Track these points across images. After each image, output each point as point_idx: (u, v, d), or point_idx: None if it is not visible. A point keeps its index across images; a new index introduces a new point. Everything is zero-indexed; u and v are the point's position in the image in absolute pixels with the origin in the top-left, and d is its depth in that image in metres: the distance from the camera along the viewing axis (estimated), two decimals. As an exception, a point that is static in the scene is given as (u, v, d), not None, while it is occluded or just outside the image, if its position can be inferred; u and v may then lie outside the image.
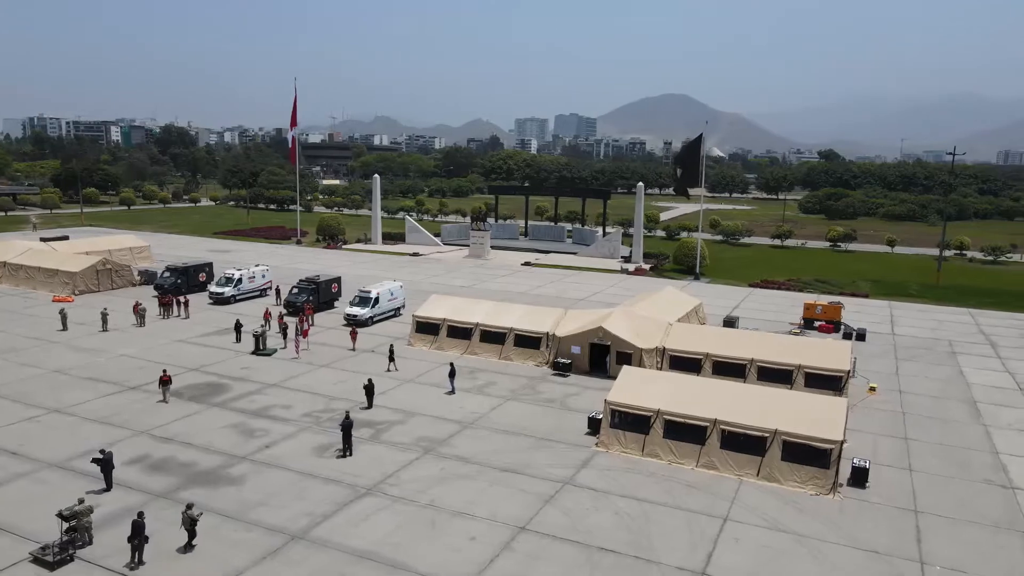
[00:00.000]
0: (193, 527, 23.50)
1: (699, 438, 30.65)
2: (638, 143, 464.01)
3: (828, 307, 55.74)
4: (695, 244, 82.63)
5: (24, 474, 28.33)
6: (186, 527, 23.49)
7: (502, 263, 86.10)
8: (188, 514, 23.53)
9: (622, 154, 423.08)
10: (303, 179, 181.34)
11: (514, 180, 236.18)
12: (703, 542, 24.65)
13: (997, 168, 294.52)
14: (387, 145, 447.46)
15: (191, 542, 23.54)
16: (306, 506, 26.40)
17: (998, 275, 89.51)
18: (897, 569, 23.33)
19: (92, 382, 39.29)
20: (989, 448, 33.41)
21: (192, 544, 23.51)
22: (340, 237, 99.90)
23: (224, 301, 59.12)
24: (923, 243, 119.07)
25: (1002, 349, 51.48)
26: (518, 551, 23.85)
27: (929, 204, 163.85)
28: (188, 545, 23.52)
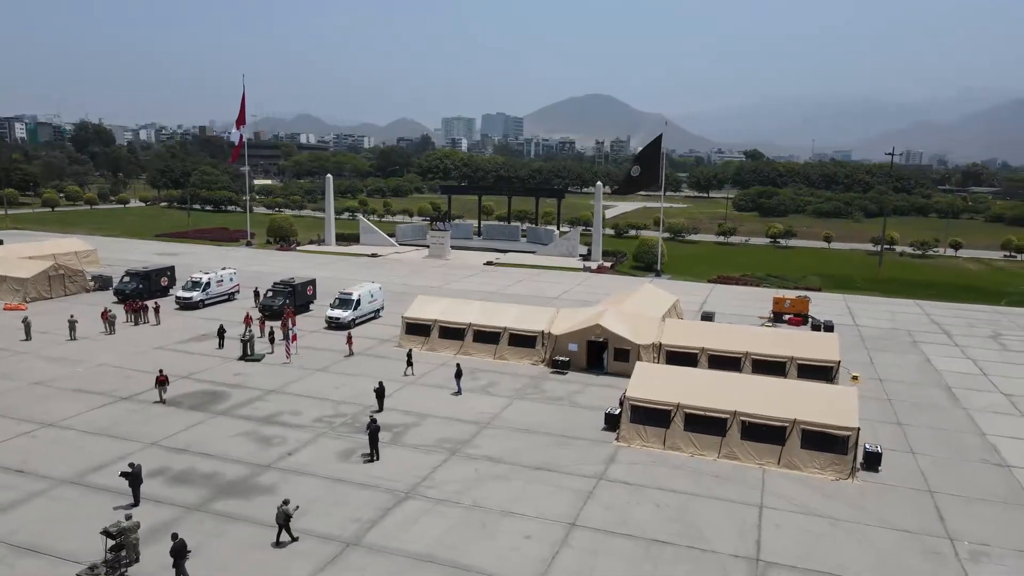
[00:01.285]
0: (287, 522, 23.59)
1: (720, 430, 31.67)
2: (567, 143, 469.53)
3: (796, 301, 58.19)
4: (654, 242, 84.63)
5: (40, 492, 26.84)
6: (279, 522, 23.60)
7: (464, 263, 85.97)
8: (283, 509, 23.58)
9: (552, 153, 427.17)
10: (238, 180, 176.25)
11: (451, 180, 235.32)
12: (748, 529, 25.57)
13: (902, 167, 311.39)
14: (315, 144, 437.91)
15: (292, 536, 23.81)
16: (349, 512, 26.00)
17: (929, 269, 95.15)
18: (930, 546, 24.81)
19: (78, 393, 37.39)
20: (976, 430, 35.73)
21: (282, 541, 23.72)
22: (292, 239, 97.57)
23: (192, 306, 57.05)
24: (854, 239, 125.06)
25: (957, 338, 54.93)
26: (576, 547, 24.18)
27: (853, 202, 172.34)
28: (278, 542, 23.69)
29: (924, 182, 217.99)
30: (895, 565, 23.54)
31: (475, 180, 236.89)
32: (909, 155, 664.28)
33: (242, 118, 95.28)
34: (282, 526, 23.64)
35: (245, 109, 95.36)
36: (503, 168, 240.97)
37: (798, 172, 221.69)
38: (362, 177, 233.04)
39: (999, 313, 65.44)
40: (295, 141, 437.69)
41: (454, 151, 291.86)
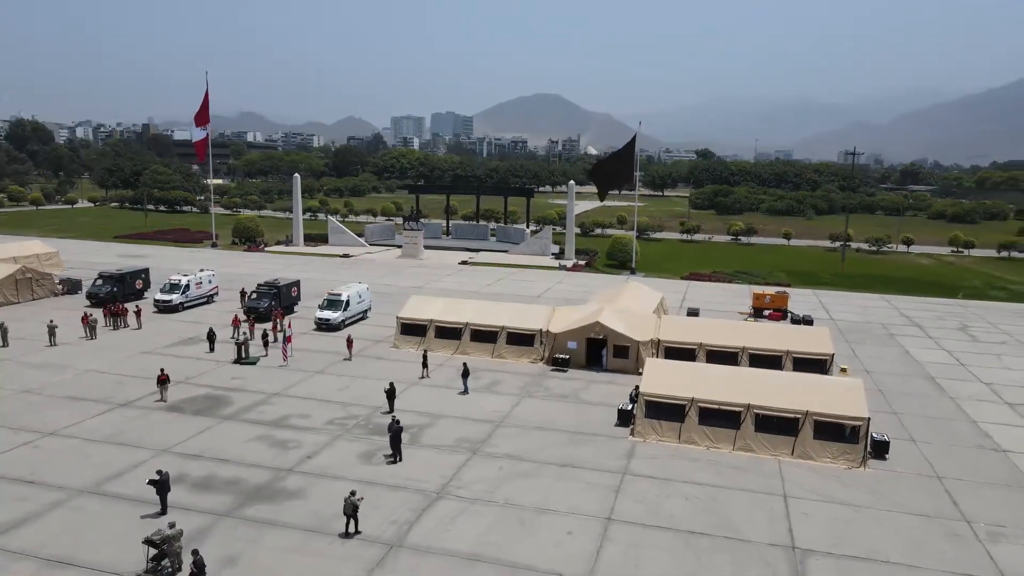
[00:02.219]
0: (355, 513, 24.07)
1: (734, 423, 32.43)
2: (520, 142, 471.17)
3: (776, 296, 59.77)
4: (627, 240, 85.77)
5: (58, 503, 25.89)
6: (348, 513, 24.02)
7: (438, 262, 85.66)
8: (352, 500, 23.97)
9: (505, 153, 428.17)
10: (190, 179, 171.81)
11: (408, 179, 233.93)
12: (778, 519, 26.30)
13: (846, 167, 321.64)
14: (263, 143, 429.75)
15: (357, 528, 24.26)
16: (385, 514, 25.80)
17: (886, 264, 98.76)
18: (951, 529, 25.94)
19: (73, 401, 36.11)
20: (966, 418, 37.38)
21: (354, 531, 24.19)
22: (260, 239, 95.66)
23: (172, 309, 55.51)
24: (809, 235, 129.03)
25: (929, 330, 57.25)
26: (617, 541, 24.51)
27: (804, 200, 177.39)
28: (347, 532, 24.13)
29: (868, 180, 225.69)
30: (922, 548, 24.54)
31: (432, 179, 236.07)
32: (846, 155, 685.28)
33: (205, 116, 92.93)
34: (350, 516, 24.09)
35: (208, 107, 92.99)
36: (460, 168, 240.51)
37: (749, 171, 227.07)
38: (316, 177, 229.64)
39: (961, 306, 68.40)
40: (242, 139, 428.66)
41: (410, 150, 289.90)
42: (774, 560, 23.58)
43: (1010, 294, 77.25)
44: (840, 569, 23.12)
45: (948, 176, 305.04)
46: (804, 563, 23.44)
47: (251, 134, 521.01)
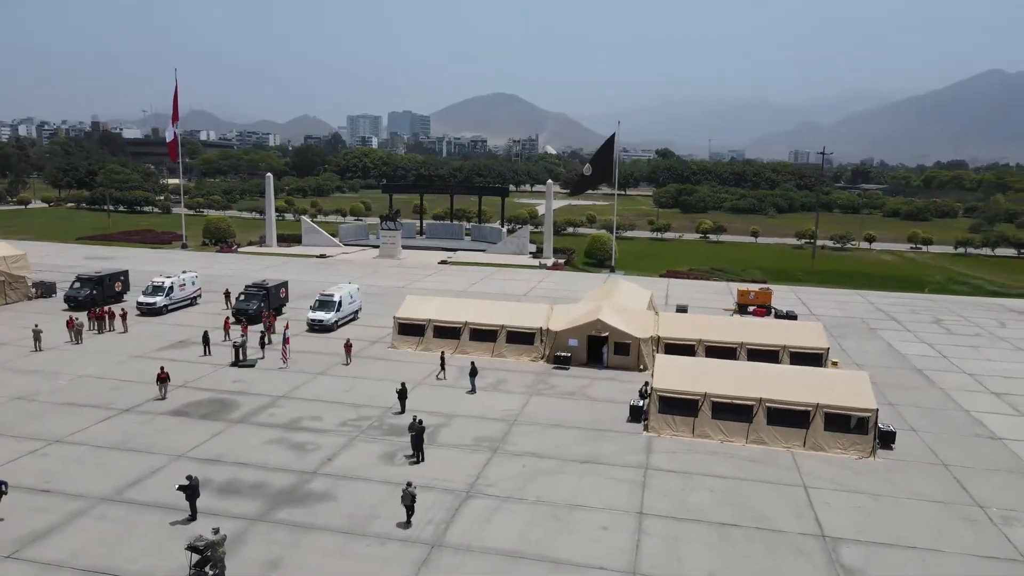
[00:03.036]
0: (413, 503, 24.69)
1: (747, 416, 33.14)
2: (479, 141, 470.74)
3: (760, 293, 61.13)
4: (605, 239, 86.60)
5: (80, 512, 25.16)
6: (406, 504, 24.61)
7: (417, 262, 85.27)
8: (409, 491, 24.60)
9: (465, 152, 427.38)
10: (149, 179, 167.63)
11: (370, 179, 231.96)
12: (803, 509, 27.01)
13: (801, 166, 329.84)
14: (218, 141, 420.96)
15: (409, 519, 24.81)
16: (420, 514, 25.60)
17: (851, 260, 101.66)
18: (966, 514, 26.98)
19: (72, 407, 35.07)
20: (958, 408, 38.84)
21: (410, 521, 24.78)
22: (232, 240, 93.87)
23: (155, 312, 54.18)
24: (774, 233, 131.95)
25: (906, 324, 59.21)
26: (654, 534, 24.88)
27: (765, 198, 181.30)
28: (407, 522, 24.74)
29: (824, 180, 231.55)
30: (943, 533, 25.48)
31: (395, 179, 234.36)
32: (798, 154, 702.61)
33: (176, 115, 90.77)
34: (408, 507, 24.71)
35: (177, 106, 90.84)
36: (423, 167, 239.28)
37: (710, 170, 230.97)
38: (278, 176, 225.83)
39: (930, 300, 70.87)
40: (194, 138, 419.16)
41: (372, 149, 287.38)
42: (808, 549, 24.23)
43: (972, 288, 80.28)
44: (870, 555, 23.88)
45: (896, 175, 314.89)
46: (836, 550, 24.14)
47: (204, 133, 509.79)
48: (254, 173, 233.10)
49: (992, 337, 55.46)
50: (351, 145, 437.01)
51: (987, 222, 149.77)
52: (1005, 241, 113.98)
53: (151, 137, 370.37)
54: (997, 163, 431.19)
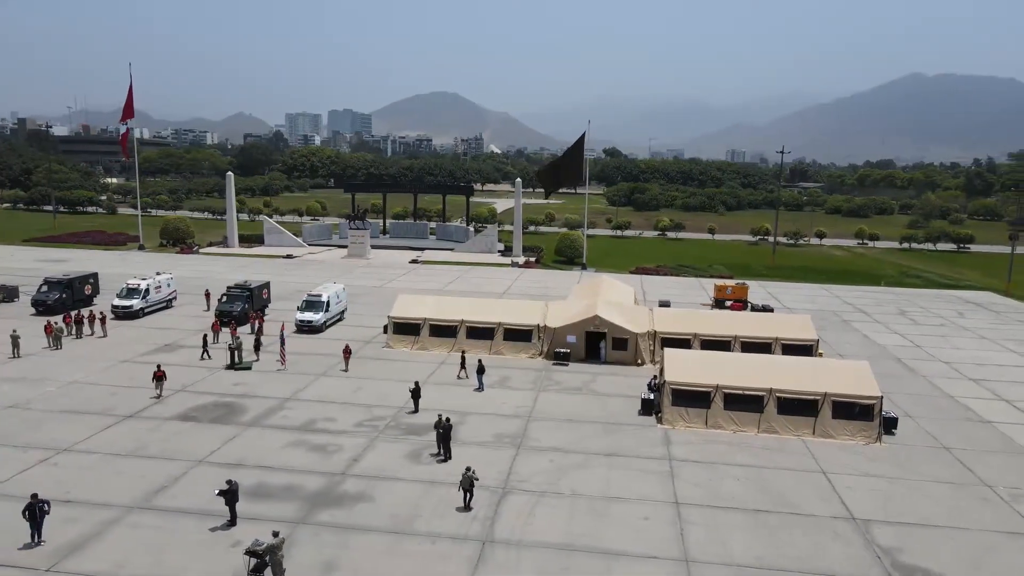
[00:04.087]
0: (472, 487, 25.61)
1: (757, 407, 34.14)
2: (425, 140, 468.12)
3: (736, 288, 62.78)
4: (575, 236, 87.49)
5: (112, 521, 24.27)
6: (465, 487, 25.57)
7: (387, 262, 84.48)
8: (469, 476, 25.52)
9: (411, 151, 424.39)
10: (89, 178, 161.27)
11: (319, 178, 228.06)
12: (828, 494, 28.02)
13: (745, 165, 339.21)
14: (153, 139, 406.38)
15: (468, 503, 25.71)
16: (462, 512, 25.68)
17: (807, 255, 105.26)
18: (978, 494, 28.46)
19: (71, 415, 33.70)
20: (943, 394, 40.81)
21: (470, 506, 25.71)
22: (191, 241, 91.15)
23: (132, 315, 52.29)
24: (728, 230, 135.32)
25: (875, 316, 61.74)
26: (695, 523, 25.48)
27: (715, 196, 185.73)
28: (466, 506, 25.68)
29: (766, 178, 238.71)
30: (961, 513, 26.82)
31: (344, 178, 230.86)
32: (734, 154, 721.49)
33: (129, 111, 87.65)
34: (467, 491, 25.57)
35: (132, 103, 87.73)
36: (373, 166, 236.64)
37: (658, 168, 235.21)
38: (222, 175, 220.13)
39: (891, 293, 74.04)
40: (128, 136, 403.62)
41: (320, 148, 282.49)
42: (843, 531, 25.20)
43: (925, 281, 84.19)
44: (901, 536, 24.98)
45: (832, 174, 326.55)
46: (869, 532, 25.17)
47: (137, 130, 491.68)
48: (197, 172, 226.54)
49: (956, 327, 58.36)
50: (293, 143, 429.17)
51: (923, 219, 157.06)
52: (946, 236, 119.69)
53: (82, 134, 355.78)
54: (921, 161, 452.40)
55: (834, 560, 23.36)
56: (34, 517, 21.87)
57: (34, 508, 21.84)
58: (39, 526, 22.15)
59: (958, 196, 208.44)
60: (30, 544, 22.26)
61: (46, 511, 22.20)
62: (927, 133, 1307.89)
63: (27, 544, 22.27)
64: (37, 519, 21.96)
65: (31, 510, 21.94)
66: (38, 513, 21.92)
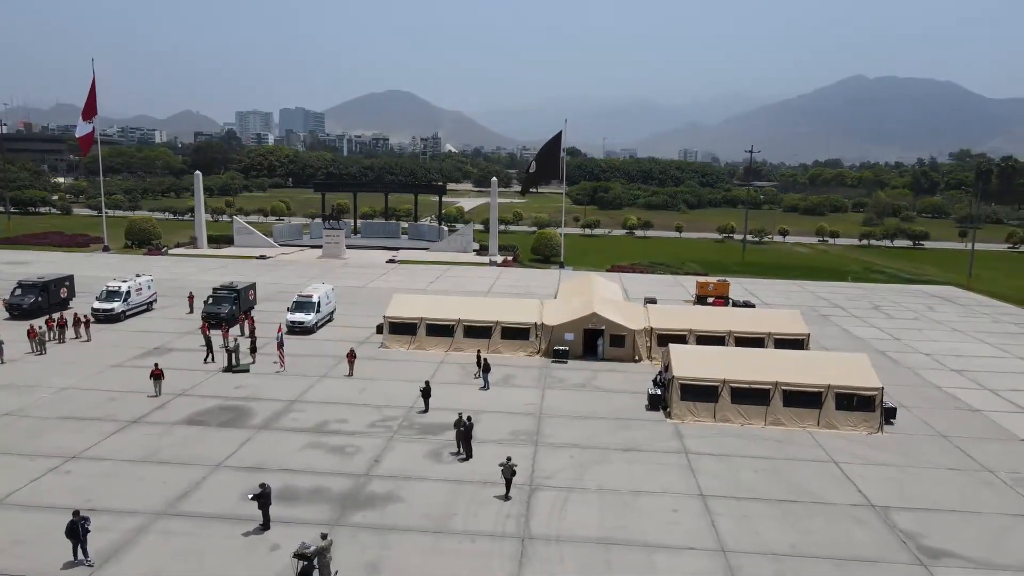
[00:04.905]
0: (513, 476, 26.36)
1: (764, 400, 34.98)
2: (382, 139, 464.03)
3: (718, 284, 63.99)
4: (551, 235, 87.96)
5: (142, 528, 23.67)
6: (507, 477, 26.29)
7: (364, 262, 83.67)
8: (509, 465, 26.29)
9: (367, 150, 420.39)
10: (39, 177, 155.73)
11: (277, 177, 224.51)
12: (843, 482, 28.90)
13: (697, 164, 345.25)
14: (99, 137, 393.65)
15: (508, 492, 26.38)
16: (494, 509, 25.76)
17: (773, 252, 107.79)
18: (982, 479, 29.67)
19: (72, 421, 32.70)
20: (931, 385, 42.36)
21: (509, 495, 26.32)
22: (159, 242, 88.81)
23: (113, 318, 50.78)
24: (693, 228, 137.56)
25: (850, 310, 63.64)
26: (723, 514, 26.02)
27: (677, 195, 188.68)
28: (506, 495, 26.33)
29: (723, 177, 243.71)
30: (970, 497, 27.95)
31: (303, 178, 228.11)
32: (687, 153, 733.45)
33: (92, 108, 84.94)
34: (508, 480, 26.31)
35: (95, 99, 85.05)
36: (332, 165, 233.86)
37: (618, 168, 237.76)
38: (176, 175, 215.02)
39: (861, 288, 76.40)
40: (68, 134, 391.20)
41: (278, 147, 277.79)
42: (865, 518, 26.04)
43: (889, 276, 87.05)
44: (920, 521, 25.94)
45: (785, 173, 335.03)
46: (889, 518, 26.07)
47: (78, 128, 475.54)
48: (150, 171, 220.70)
49: (928, 320, 60.56)
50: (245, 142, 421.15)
51: (877, 216, 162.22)
52: (902, 233, 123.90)
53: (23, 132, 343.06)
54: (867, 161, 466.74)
55: (862, 546, 24.14)
56: (76, 535, 21.06)
57: (76, 526, 21.05)
58: (83, 544, 21.33)
59: (906, 195, 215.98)
60: (73, 563, 21.38)
61: (88, 529, 21.41)
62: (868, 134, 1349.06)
63: (69, 563, 21.39)
64: (80, 537, 21.16)
65: (73, 528, 21.10)
66: (80, 531, 21.13)
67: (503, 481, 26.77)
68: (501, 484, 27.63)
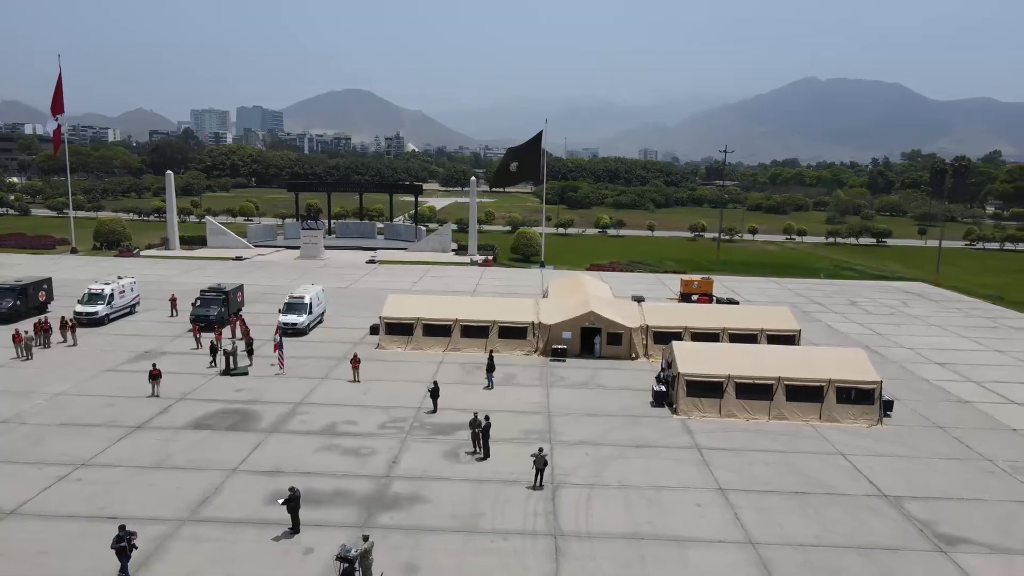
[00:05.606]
0: (544, 467, 27.25)
1: (767, 395, 35.69)
2: (344, 138, 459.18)
3: (702, 282, 64.98)
4: (531, 235, 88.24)
5: (169, 535, 23.20)
6: (539, 467, 27.09)
7: (344, 262, 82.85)
8: (542, 455, 27.21)
9: (329, 149, 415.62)
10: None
11: (240, 177, 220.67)
12: (853, 473, 29.67)
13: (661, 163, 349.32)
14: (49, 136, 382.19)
15: (540, 482, 27.21)
16: (521, 507, 25.88)
17: (744, 251, 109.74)
18: (983, 467, 30.72)
19: (73, 428, 31.84)
20: (918, 377, 43.65)
21: (541, 484, 27.15)
22: (130, 243, 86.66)
23: (97, 322, 49.48)
24: (662, 227, 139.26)
25: (830, 306, 65.17)
26: (745, 507, 26.52)
27: (644, 194, 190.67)
28: (538, 485, 27.10)
29: (688, 176, 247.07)
30: (975, 485, 28.95)
31: (267, 177, 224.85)
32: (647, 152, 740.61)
33: (59, 105, 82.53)
34: (540, 471, 27.14)
35: (62, 94, 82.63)
36: (297, 164, 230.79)
37: (585, 167, 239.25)
38: (136, 174, 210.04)
39: (835, 284, 78.30)
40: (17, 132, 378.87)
41: (241, 146, 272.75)
42: (879, 507, 26.80)
43: (859, 273, 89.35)
44: (932, 509, 26.78)
45: (746, 173, 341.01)
46: (903, 507, 26.88)
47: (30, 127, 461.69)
48: (108, 171, 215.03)
49: (905, 315, 62.37)
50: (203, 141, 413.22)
51: (839, 214, 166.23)
52: (866, 231, 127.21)
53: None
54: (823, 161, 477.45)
55: (881, 535, 24.84)
56: (123, 552, 20.47)
57: (123, 541, 20.47)
58: (128, 560, 20.71)
59: (864, 193, 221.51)
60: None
61: (135, 545, 20.82)
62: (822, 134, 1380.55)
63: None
64: (128, 553, 20.57)
65: (120, 544, 20.50)
66: (128, 548, 20.55)
67: (532, 472, 27.41)
68: (522, 483, 27.85)
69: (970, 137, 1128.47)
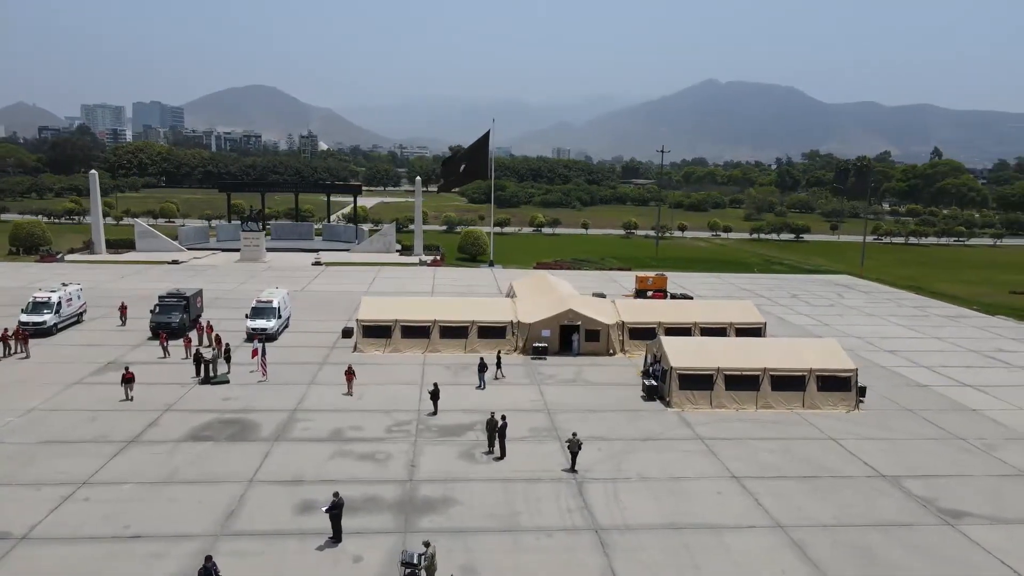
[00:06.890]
0: (579, 451, 28.73)
1: (754, 385, 37.31)
2: (254, 136, 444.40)
3: (656, 278, 66.84)
4: (478, 234, 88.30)
5: (205, 551, 22.07)
6: (572, 451, 28.58)
7: (288, 264, 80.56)
8: (576, 440, 28.69)
9: (238, 147, 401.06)
10: None
11: (149, 176, 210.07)
12: (849, 456, 31.45)
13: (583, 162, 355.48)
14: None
15: (574, 466, 28.62)
16: (553, 504, 26.20)
17: (678, 247, 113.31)
18: (959, 446, 33.16)
19: (61, 445, 30.00)
20: (874, 364, 46.51)
21: (575, 468, 28.56)
22: (51, 248, 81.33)
23: (45, 332, 46.43)
24: (594, 225, 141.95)
25: (775, 299, 68.35)
26: (762, 493, 27.72)
27: (571, 193, 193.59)
28: (572, 469, 28.54)
29: (609, 175, 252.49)
30: (956, 462, 31.26)
31: (178, 176, 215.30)
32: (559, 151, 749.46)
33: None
34: (575, 454, 28.53)
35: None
36: (211, 163, 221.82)
37: (508, 166, 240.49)
38: (32, 174, 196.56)
39: (773, 279, 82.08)
40: None
41: (150, 143, 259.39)
42: (882, 487, 28.58)
43: (789, 267, 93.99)
44: (929, 486, 28.77)
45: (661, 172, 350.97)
46: (902, 485, 28.76)
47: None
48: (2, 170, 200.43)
49: (843, 307, 66.17)
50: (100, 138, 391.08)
51: (756, 211, 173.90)
52: (787, 228, 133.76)
53: None
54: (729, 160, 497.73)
55: (891, 512, 26.55)
56: None
57: (209, 572, 19.52)
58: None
59: (774, 191, 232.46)
60: None
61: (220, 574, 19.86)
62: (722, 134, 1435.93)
63: None
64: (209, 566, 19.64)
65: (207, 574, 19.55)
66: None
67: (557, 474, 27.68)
68: (546, 480, 28.22)
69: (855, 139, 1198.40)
